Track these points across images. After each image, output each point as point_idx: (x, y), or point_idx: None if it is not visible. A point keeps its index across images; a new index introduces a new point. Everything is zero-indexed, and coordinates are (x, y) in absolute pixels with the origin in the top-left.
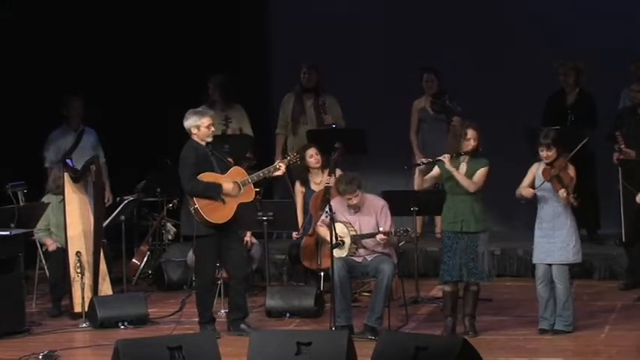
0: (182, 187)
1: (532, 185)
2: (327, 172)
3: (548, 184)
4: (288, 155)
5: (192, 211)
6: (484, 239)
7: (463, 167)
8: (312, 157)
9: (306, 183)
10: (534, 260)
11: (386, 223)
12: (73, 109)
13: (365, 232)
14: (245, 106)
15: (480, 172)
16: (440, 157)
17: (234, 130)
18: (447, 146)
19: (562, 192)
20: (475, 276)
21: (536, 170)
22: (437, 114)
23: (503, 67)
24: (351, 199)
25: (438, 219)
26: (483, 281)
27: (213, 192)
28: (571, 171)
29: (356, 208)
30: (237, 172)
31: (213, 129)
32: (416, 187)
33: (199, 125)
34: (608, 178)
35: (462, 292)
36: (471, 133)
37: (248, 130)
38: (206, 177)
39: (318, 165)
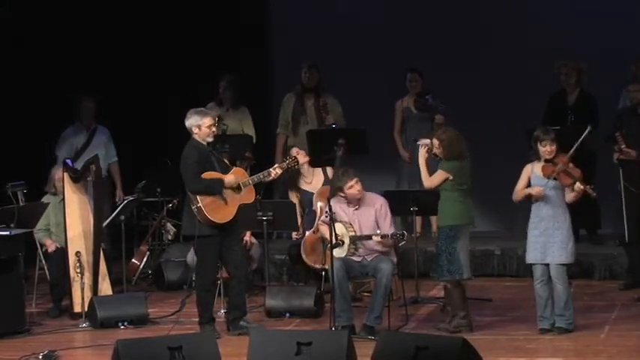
0: (186, 186)
1: (527, 186)
2: (315, 170)
3: (550, 182)
4: (287, 159)
5: (195, 210)
6: (447, 236)
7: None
8: (298, 154)
9: (298, 188)
10: (529, 260)
11: (385, 224)
12: (84, 109)
13: (364, 230)
14: (246, 107)
15: (437, 172)
16: (421, 142)
17: (224, 130)
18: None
19: (578, 185)
20: (436, 272)
21: (531, 170)
22: (420, 112)
23: (503, 67)
24: (352, 186)
25: (433, 219)
26: (437, 278)
27: (217, 187)
28: (573, 165)
29: (356, 204)
30: (238, 173)
31: (214, 129)
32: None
33: (200, 125)
34: (609, 178)
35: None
36: (434, 141)
37: (250, 132)
38: (208, 176)
39: (306, 160)
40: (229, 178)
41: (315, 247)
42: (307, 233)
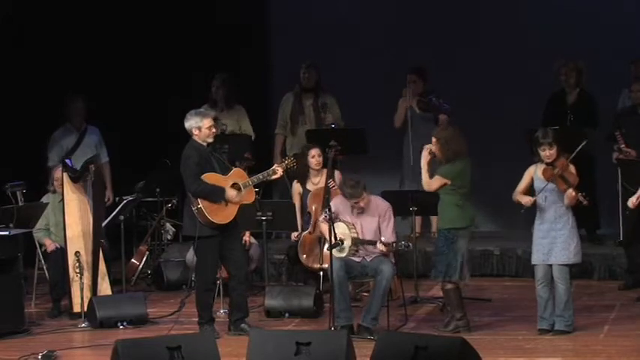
0: (186, 187)
1: (529, 188)
2: (324, 172)
3: (551, 185)
4: (286, 159)
5: (195, 211)
6: (446, 238)
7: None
8: (314, 157)
9: (303, 183)
10: (534, 261)
11: (387, 229)
12: (73, 109)
13: (367, 234)
14: (245, 106)
15: (435, 177)
16: (426, 146)
17: (223, 130)
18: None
19: (570, 191)
20: (434, 273)
21: (534, 172)
22: (424, 112)
23: (502, 67)
24: (358, 202)
25: (433, 219)
26: (434, 278)
27: (217, 195)
28: (573, 170)
29: (360, 210)
30: (237, 174)
31: (214, 130)
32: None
33: (200, 126)
34: (608, 178)
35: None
36: (432, 140)
37: (248, 130)
38: (209, 177)
39: (319, 167)
40: (230, 193)
41: (312, 247)
42: (303, 234)
